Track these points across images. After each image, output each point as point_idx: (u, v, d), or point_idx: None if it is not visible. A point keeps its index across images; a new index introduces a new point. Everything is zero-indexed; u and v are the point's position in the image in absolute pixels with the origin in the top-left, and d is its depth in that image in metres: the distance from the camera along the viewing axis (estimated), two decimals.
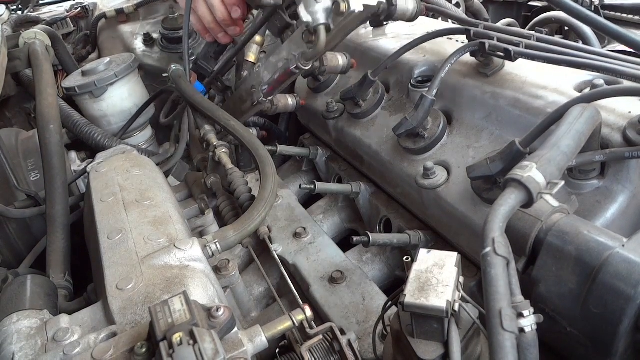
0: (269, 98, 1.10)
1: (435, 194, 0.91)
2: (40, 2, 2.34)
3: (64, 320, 0.61)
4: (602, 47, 1.25)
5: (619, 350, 0.57)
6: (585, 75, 0.87)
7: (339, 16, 0.84)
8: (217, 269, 0.86)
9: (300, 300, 0.78)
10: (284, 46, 1.08)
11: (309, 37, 0.91)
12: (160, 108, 1.47)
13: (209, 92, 1.37)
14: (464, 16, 1.15)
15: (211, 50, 1.33)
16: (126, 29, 1.86)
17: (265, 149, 0.91)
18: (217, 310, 0.52)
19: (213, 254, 0.73)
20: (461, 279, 0.59)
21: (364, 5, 0.90)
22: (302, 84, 1.36)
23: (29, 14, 2.13)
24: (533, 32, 0.90)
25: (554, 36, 1.35)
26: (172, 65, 1.23)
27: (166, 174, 1.19)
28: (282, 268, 0.86)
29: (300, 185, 1.00)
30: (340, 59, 1.06)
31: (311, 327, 0.63)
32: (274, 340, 0.60)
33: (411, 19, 0.97)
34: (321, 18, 0.83)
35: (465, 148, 0.92)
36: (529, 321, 0.51)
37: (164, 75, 1.55)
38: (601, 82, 0.81)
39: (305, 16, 0.82)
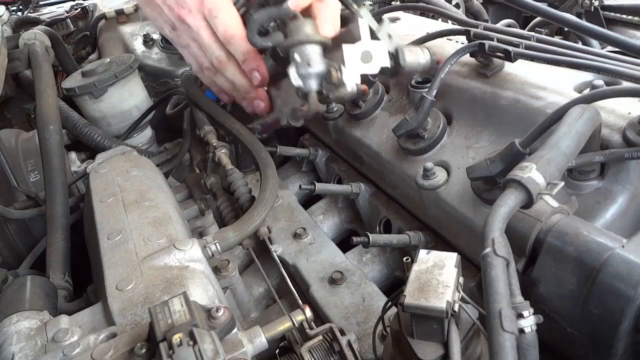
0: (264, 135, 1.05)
1: (435, 195, 0.91)
2: (40, 3, 2.34)
3: (64, 320, 0.61)
4: (602, 48, 1.26)
5: (618, 351, 0.57)
6: (585, 76, 0.87)
7: (331, 84, 0.75)
8: (217, 270, 0.86)
9: (300, 301, 0.77)
10: (280, 93, 0.99)
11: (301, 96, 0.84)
12: (162, 108, 1.47)
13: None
14: (464, 17, 1.15)
15: None
16: (126, 29, 1.86)
17: (266, 151, 0.91)
18: (217, 311, 0.52)
19: (213, 255, 0.73)
20: (461, 280, 0.59)
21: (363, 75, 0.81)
22: None
23: (29, 14, 2.13)
24: (533, 33, 0.90)
25: (553, 37, 1.35)
26: (185, 71, 1.23)
27: (166, 175, 1.19)
28: (282, 269, 0.86)
29: (300, 186, 0.98)
30: (422, 57, 0.89)
31: (311, 328, 0.63)
32: (274, 341, 0.60)
33: (425, 72, 0.89)
34: (312, 84, 0.77)
35: (465, 149, 0.92)
36: (529, 322, 0.51)
37: (176, 79, 1.56)
38: (601, 82, 0.81)
39: (295, 80, 0.76)
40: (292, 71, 0.76)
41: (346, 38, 0.77)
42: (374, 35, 0.77)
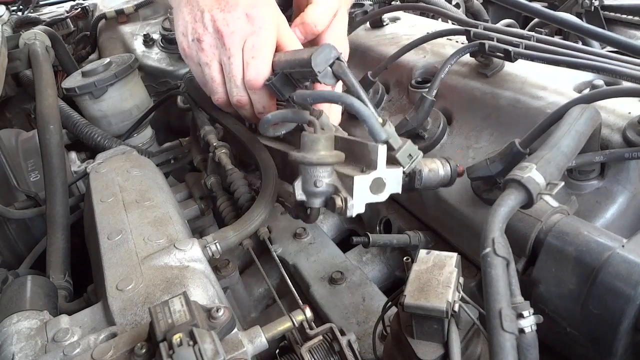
0: None
1: (435, 195, 0.91)
2: (40, 3, 2.34)
3: (64, 320, 0.61)
4: (602, 48, 1.26)
5: (618, 351, 0.57)
6: (585, 76, 0.87)
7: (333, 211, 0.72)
8: (217, 270, 0.86)
9: (300, 301, 0.77)
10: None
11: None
12: (162, 109, 1.47)
13: None
14: (464, 17, 1.15)
15: None
16: (126, 29, 1.86)
17: (266, 151, 0.91)
18: (217, 311, 0.52)
19: (213, 255, 0.73)
20: (461, 280, 0.59)
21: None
22: None
23: (29, 14, 2.13)
24: (533, 33, 0.90)
25: (553, 37, 1.35)
26: (187, 74, 1.22)
27: (166, 175, 1.19)
28: (282, 268, 0.86)
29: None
30: (441, 169, 0.80)
31: (311, 328, 0.63)
32: (274, 341, 0.60)
33: (444, 184, 0.81)
34: (316, 203, 0.74)
35: (465, 148, 0.92)
36: (529, 322, 0.51)
37: (179, 82, 1.56)
38: (601, 82, 0.82)
39: (299, 194, 0.73)
40: (297, 185, 0.73)
41: (362, 153, 0.72)
42: (392, 155, 0.71)
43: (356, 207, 0.69)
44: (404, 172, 0.72)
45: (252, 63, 0.85)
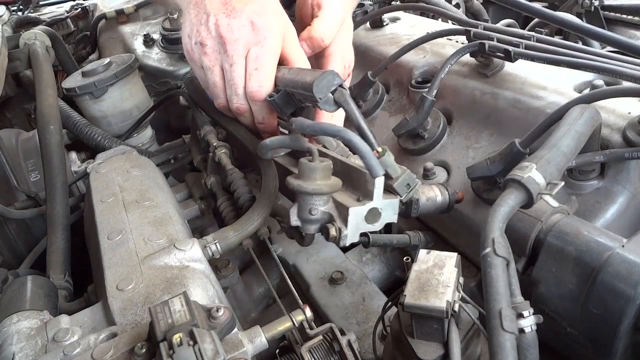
0: None
1: None
2: (41, 3, 2.34)
3: (64, 320, 0.61)
4: (602, 48, 1.26)
5: (618, 351, 0.57)
6: (585, 76, 0.87)
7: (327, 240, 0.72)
8: (217, 269, 0.86)
9: (300, 301, 0.77)
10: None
11: None
12: (162, 109, 1.47)
13: None
14: (464, 17, 1.15)
15: None
16: (126, 29, 1.86)
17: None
18: (217, 311, 0.52)
19: (213, 255, 0.73)
20: (461, 280, 0.59)
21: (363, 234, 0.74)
22: None
23: (29, 14, 2.12)
24: (533, 33, 0.90)
25: (553, 37, 1.35)
26: (188, 74, 1.22)
27: (166, 175, 1.19)
28: (282, 269, 0.86)
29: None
30: (439, 196, 0.80)
31: (311, 328, 0.63)
32: (274, 341, 0.60)
33: (442, 210, 0.81)
34: (310, 229, 0.74)
35: (465, 148, 0.92)
36: (529, 322, 0.51)
37: (179, 82, 1.56)
38: (601, 82, 0.82)
39: (294, 220, 0.72)
40: (292, 211, 0.73)
41: (360, 180, 0.72)
42: (389, 185, 0.71)
43: (350, 237, 0.70)
44: (401, 201, 0.73)
45: (255, 74, 0.83)
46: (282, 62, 0.87)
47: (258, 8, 0.83)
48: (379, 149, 0.70)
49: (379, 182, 0.68)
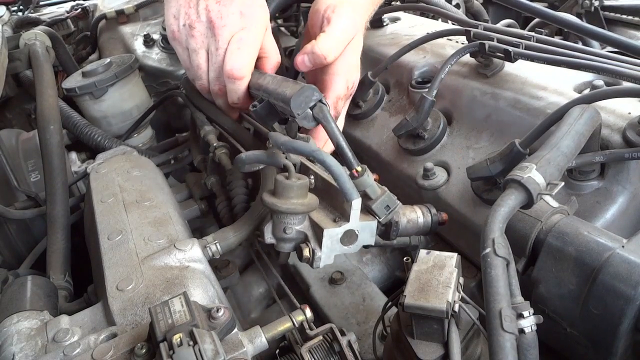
0: None
1: (435, 195, 0.91)
2: (41, 3, 2.34)
3: (64, 321, 0.61)
4: (602, 48, 1.26)
5: (618, 351, 0.57)
6: (584, 76, 0.87)
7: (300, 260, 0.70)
8: (217, 270, 0.86)
9: (296, 303, 0.78)
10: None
11: None
12: (162, 109, 1.47)
13: None
14: (464, 17, 1.15)
15: None
16: (126, 29, 1.86)
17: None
18: (217, 311, 0.52)
19: (213, 255, 0.73)
20: (461, 280, 0.59)
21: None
22: None
23: (29, 14, 2.13)
24: (533, 33, 0.90)
25: (553, 37, 1.35)
26: (185, 73, 1.21)
27: (166, 175, 1.19)
28: (276, 272, 0.86)
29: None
30: (421, 217, 0.78)
31: (311, 328, 0.63)
32: (274, 341, 0.60)
33: (424, 232, 0.79)
34: (285, 248, 0.72)
35: (465, 149, 0.92)
36: (529, 322, 0.51)
37: (179, 82, 1.56)
38: (601, 82, 0.82)
39: (268, 238, 0.71)
40: (267, 229, 0.71)
41: (338, 198, 0.70)
42: (368, 205, 0.70)
43: (324, 259, 0.69)
44: (380, 223, 0.71)
45: (236, 53, 0.85)
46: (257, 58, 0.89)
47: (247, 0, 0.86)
48: (359, 168, 0.69)
49: (356, 204, 0.67)
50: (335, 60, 0.88)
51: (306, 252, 0.69)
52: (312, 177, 0.75)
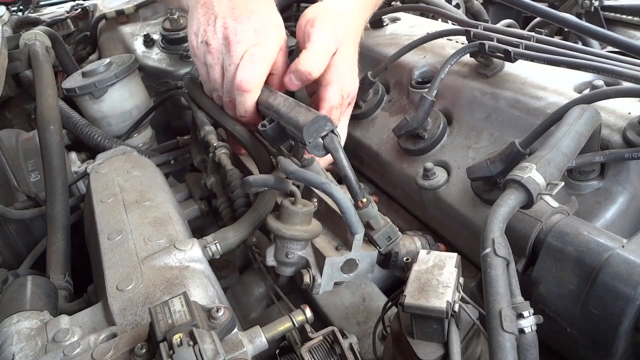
0: None
1: (435, 195, 0.91)
2: (41, 3, 2.34)
3: (64, 321, 0.61)
4: (602, 48, 1.26)
5: (618, 351, 0.57)
6: (584, 76, 0.87)
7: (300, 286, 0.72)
8: (217, 270, 0.86)
9: (290, 304, 0.78)
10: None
11: None
12: (162, 109, 1.47)
13: None
14: (464, 17, 1.15)
15: None
16: (126, 29, 1.86)
17: (266, 152, 0.91)
18: (217, 311, 0.52)
19: (213, 255, 0.73)
20: (461, 280, 0.59)
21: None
22: None
23: (29, 14, 2.12)
24: (533, 33, 0.90)
25: (553, 37, 1.35)
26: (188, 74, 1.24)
27: (166, 175, 1.19)
28: (270, 277, 0.86)
29: None
30: (419, 247, 0.81)
31: (312, 331, 0.63)
32: (274, 341, 0.60)
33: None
34: (286, 272, 0.74)
35: (465, 149, 0.92)
36: (529, 322, 0.51)
37: (179, 82, 1.56)
38: (601, 83, 0.82)
39: (270, 261, 0.73)
40: (269, 252, 0.73)
41: (341, 226, 0.71)
42: (370, 235, 0.72)
43: (324, 286, 0.70)
44: (380, 253, 0.73)
45: (247, 66, 0.88)
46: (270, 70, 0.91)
47: (263, 18, 0.90)
48: (364, 200, 0.71)
49: (359, 237, 0.69)
50: (326, 71, 0.89)
51: (307, 279, 0.71)
52: (315, 200, 0.77)
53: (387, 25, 1.33)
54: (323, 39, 0.88)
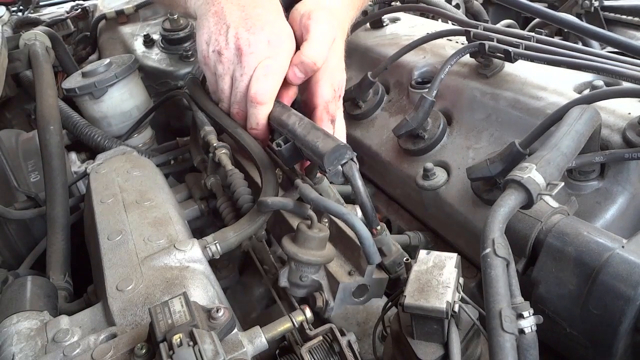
0: None
1: (435, 195, 0.91)
2: (41, 3, 2.34)
3: (64, 321, 0.61)
4: (602, 49, 1.26)
5: (618, 351, 0.57)
6: (584, 77, 0.87)
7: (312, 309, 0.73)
8: (217, 270, 0.86)
9: (296, 304, 0.77)
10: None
11: None
12: (162, 109, 1.47)
13: None
14: (464, 17, 1.15)
15: None
16: (126, 30, 1.86)
17: (266, 153, 0.91)
18: (217, 311, 0.52)
19: (213, 255, 0.73)
20: (461, 280, 0.59)
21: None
22: None
23: (29, 15, 2.12)
24: (533, 34, 0.90)
25: (553, 37, 1.35)
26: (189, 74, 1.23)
27: (166, 175, 1.19)
28: (268, 279, 0.86)
29: None
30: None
31: (310, 329, 0.63)
32: (274, 341, 0.60)
33: None
34: (298, 293, 0.76)
35: (465, 149, 0.92)
36: (529, 322, 0.51)
37: (179, 82, 1.56)
38: (601, 83, 0.82)
39: (283, 282, 0.74)
40: (283, 274, 0.74)
41: (354, 252, 0.73)
42: (381, 261, 0.73)
43: (335, 309, 0.72)
44: (389, 278, 0.75)
45: (262, 79, 0.88)
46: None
47: (276, 29, 0.90)
48: (378, 227, 0.73)
49: (374, 264, 0.70)
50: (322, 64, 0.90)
51: (319, 302, 0.72)
52: (327, 221, 0.78)
53: (387, 25, 1.33)
54: (322, 29, 0.89)
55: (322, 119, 0.91)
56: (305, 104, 0.96)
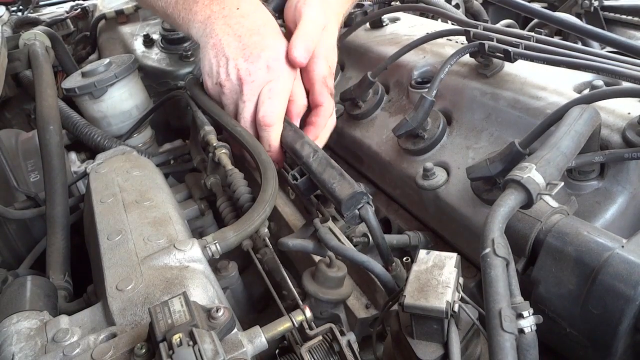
0: None
1: (435, 195, 0.91)
2: (40, 3, 2.34)
3: (64, 321, 0.61)
4: (601, 48, 1.26)
5: (618, 351, 0.57)
6: (584, 76, 0.87)
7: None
8: (216, 270, 0.86)
9: (300, 301, 0.77)
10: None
11: None
12: (162, 109, 1.47)
13: None
14: (464, 17, 1.15)
15: None
16: (126, 30, 1.86)
17: (267, 154, 0.91)
18: (217, 311, 0.52)
19: (213, 255, 0.73)
20: (461, 280, 0.59)
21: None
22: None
23: (29, 15, 2.12)
24: (532, 33, 0.90)
25: (553, 37, 1.35)
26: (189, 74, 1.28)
27: (166, 175, 1.19)
28: (282, 269, 0.85)
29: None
30: None
31: (311, 328, 0.63)
32: (274, 341, 0.60)
33: None
34: (307, 314, 0.79)
35: (464, 149, 0.92)
36: (529, 322, 0.51)
37: (179, 82, 1.56)
38: (600, 83, 0.82)
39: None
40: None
41: (370, 285, 0.78)
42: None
43: (352, 341, 0.75)
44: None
45: (267, 102, 0.93)
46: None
47: (273, 54, 0.94)
48: (393, 264, 0.78)
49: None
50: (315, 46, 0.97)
51: (339, 336, 0.74)
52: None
53: (386, 25, 1.33)
54: (314, 13, 0.98)
55: (321, 93, 0.98)
56: (304, 82, 1.02)
